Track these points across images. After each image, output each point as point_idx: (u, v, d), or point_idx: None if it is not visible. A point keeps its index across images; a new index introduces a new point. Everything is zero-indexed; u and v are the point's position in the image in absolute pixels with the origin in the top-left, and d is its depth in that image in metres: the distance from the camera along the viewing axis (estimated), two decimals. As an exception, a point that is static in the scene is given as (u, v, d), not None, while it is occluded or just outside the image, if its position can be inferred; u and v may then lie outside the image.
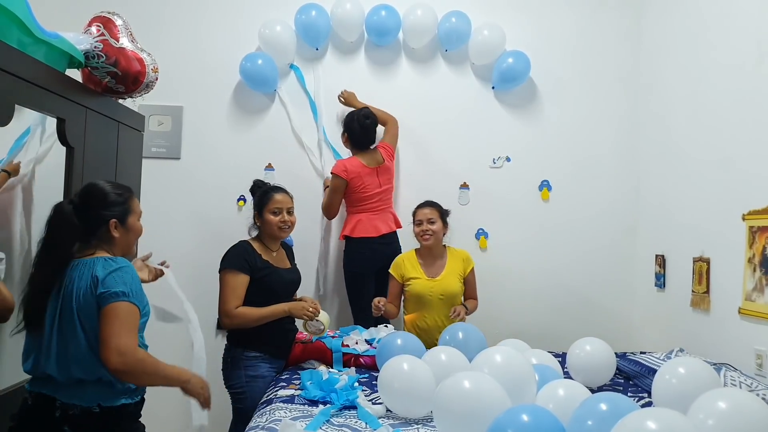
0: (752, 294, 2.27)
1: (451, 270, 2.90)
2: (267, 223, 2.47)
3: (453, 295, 2.85)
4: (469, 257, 2.98)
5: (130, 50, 2.20)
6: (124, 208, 1.71)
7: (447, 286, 2.85)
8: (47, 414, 1.56)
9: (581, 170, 3.44)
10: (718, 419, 1.39)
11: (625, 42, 3.46)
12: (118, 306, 1.54)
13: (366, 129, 3.13)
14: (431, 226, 2.87)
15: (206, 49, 3.42)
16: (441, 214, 2.91)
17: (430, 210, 2.90)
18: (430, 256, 2.93)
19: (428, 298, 2.84)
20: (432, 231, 2.86)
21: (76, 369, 1.56)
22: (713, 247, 2.59)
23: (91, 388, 1.58)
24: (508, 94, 3.45)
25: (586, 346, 2.37)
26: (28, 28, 1.78)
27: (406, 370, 1.94)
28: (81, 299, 1.56)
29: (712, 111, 2.64)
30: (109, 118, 2.24)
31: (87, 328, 1.56)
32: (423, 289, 2.85)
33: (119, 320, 1.54)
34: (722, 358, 2.33)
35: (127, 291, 1.57)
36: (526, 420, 1.38)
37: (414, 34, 3.37)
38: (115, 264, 1.61)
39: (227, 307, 2.33)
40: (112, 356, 1.51)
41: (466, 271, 2.93)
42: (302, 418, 1.91)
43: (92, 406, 1.57)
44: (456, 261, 2.93)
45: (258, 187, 2.59)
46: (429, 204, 2.94)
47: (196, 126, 3.40)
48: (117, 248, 1.71)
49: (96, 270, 1.57)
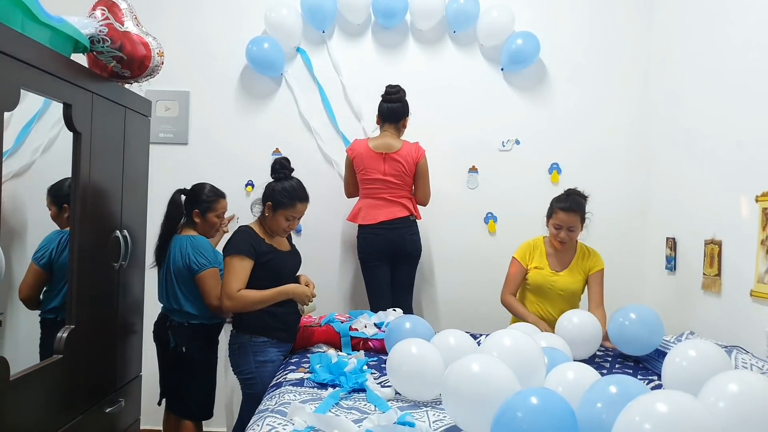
0: (765, 276, 2.25)
1: (576, 267, 2.79)
2: (276, 223, 2.44)
3: (573, 292, 2.77)
4: (600, 258, 2.82)
5: (135, 34, 2.19)
6: (207, 205, 2.63)
7: (568, 283, 2.75)
8: (164, 325, 2.60)
9: (591, 153, 3.40)
10: (729, 402, 1.38)
11: (636, 22, 3.40)
12: (206, 272, 2.50)
13: (389, 96, 3.05)
14: (571, 233, 2.72)
15: (212, 33, 3.40)
16: (582, 220, 2.74)
17: (575, 217, 2.70)
18: (559, 248, 2.81)
19: (548, 290, 2.77)
20: (570, 238, 2.73)
21: (174, 302, 2.56)
22: (725, 229, 2.56)
23: (182, 313, 2.55)
24: (517, 76, 3.41)
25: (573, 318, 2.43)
26: (32, 13, 1.77)
27: (415, 353, 1.94)
28: (174, 265, 2.54)
29: (725, 92, 2.60)
30: (115, 103, 2.24)
31: (178, 282, 2.54)
32: (545, 280, 2.77)
33: (214, 280, 2.49)
34: (733, 340, 2.31)
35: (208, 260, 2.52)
36: (536, 403, 1.38)
37: (421, 15, 3.33)
38: (195, 241, 2.55)
39: (229, 288, 2.33)
40: (224, 303, 2.34)
41: (592, 270, 2.79)
42: (311, 401, 1.92)
43: (183, 322, 2.55)
44: (583, 259, 2.81)
45: (282, 169, 2.47)
46: (573, 210, 2.70)
47: (203, 111, 3.40)
48: (199, 231, 2.63)
49: (183, 245, 2.54)
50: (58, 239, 2.07)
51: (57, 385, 1.87)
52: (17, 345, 2.05)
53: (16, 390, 1.64)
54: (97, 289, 2.14)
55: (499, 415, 1.40)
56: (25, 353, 1.98)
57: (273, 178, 2.48)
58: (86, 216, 2.03)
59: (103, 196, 2.16)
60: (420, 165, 3.05)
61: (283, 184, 2.44)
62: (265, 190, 2.48)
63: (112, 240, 2.23)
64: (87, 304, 2.05)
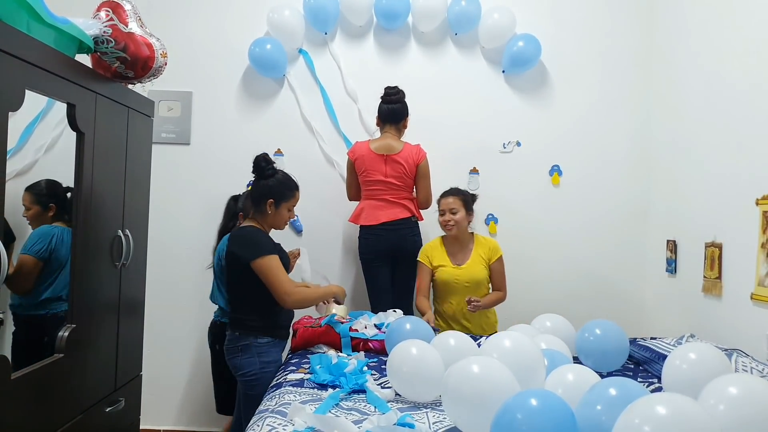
0: (765, 279, 2.25)
1: (477, 258, 2.89)
2: (279, 216, 2.41)
3: (478, 282, 2.86)
4: (497, 246, 2.97)
5: (139, 35, 2.20)
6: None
7: (473, 274, 2.85)
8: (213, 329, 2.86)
9: (592, 155, 3.41)
10: (729, 405, 1.38)
11: (637, 25, 3.41)
12: None
13: (389, 97, 3.07)
14: (453, 216, 2.85)
15: (215, 34, 3.41)
16: (464, 203, 2.88)
17: (453, 199, 2.88)
18: (456, 243, 2.93)
19: (454, 285, 2.85)
20: (454, 221, 2.85)
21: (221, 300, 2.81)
22: (725, 232, 2.56)
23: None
24: (518, 78, 3.42)
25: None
26: (37, 14, 1.78)
27: (415, 354, 1.94)
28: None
29: (726, 95, 2.60)
30: (118, 103, 2.25)
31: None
32: (449, 276, 2.86)
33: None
34: (734, 343, 2.31)
35: None
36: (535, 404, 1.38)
37: (423, 17, 3.33)
38: None
39: (287, 286, 2.28)
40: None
41: (492, 260, 2.91)
42: (311, 401, 1.92)
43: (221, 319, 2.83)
44: (482, 249, 2.92)
45: (269, 165, 2.41)
46: (452, 193, 2.92)
47: (205, 111, 3.41)
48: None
49: None
50: (53, 235, 2.08)
51: (57, 384, 1.88)
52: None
53: (16, 389, 1.64)
54: (98, 289, 2.15)
55: (498, 417, 1.40)
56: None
57: (262, 176, 2.41)
58: (88, 215, 2.03)
59: (106, 196, 2.16)
60: (421, 167, 3.06)
61: (276, 178, 2.41)
62: (258, 190, 2.41)
63: (113, 239, 2.23)
64: (88, 303, 2.06)
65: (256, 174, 2.42)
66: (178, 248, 3.35)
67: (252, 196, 2.45)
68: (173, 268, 3.34)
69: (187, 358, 3.38)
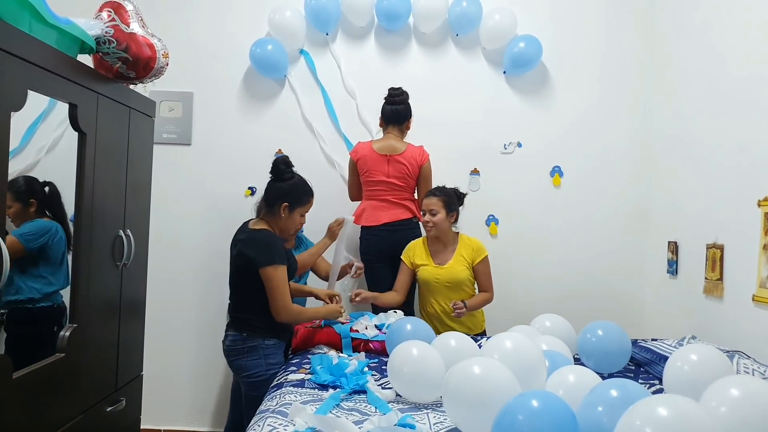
0: (767, 281, 2.25)
1: (459, 258, 2.88)
2: (293, 221, 2.40)
3: (459, 282, 2.85)
4: (481, 246, 2.93)
5: (141, 36, 2.20)
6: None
7: (453, 274, 2.84)
8: None
9: (593, 156, 3.41)
10: (731, 406, 1.38)
11: (638, 26, 3.41)
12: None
13: (392, 98, 3.07)
14: (432, 217, 2.84)
15: (216, 34, 3.41)
16: (446, 204, 2.85)
17: (434, 200, 2.85)
18: (439, 243, 2.92)
19: (435, 285, 2.85)
20: (432, 222, 2.84)
21: None
22: (727, 233, 2.56)
23: None
24: (519, 79, 3.42)
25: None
26: (39, 14, 1.78)
27: (416, 355, 1.94)
28: None
29: (727, 96, 2.60)
30: (120, 103, 2.25)
31: None
32: (430, 276, 2.85)
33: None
34: (735, 345, 2.31)
35: None
36: (536, 405, 1.38)
37: (424, 18, 3.34)
38: None
39: (286, 301, 2.27)
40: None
41: (475, 261, 2.89)
42: (312, 402, 1.92)
43: None
44: (466, 249, 2.91)
45: (288, 169, 2.40)
46: (433, 193, 2.88)
47: (206, 112, 3.41)
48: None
49: None
50: (49, 229, 2.09)
51: (58, 384, 1.88)
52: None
53: (17, 388, 1.64)
54: (100, 289, 2.15)
55: (499, 418, 1.40)
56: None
57: (280, 178, 2.39)
58: (90, 215, 2.04)
59: (107, 196, 2.17)
60: (424, 168, 3.06)
61: (295, 181, 2.39)
62: (274, 191, 2.38)
63: (115, 239, 2.23)
64: (89, 303, 2.06)
65: (274, 176, 2.41)
66: (179, 248, 3.35)
67: (266, 197, 2.41)
68: (174, 269, 3.34)
69: (187, 358, 3.38)
